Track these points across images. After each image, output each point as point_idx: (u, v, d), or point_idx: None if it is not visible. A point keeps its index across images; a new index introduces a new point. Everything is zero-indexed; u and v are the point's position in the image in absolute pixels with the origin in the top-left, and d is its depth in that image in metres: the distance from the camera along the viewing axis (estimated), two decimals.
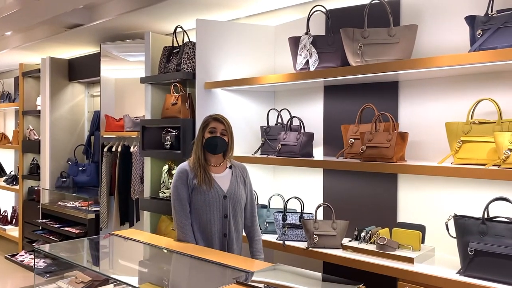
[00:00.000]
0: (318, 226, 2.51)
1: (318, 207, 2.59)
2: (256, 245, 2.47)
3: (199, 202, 2.34)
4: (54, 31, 4.41)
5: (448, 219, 2.10)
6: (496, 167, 1.96)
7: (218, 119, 2.42)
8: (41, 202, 5.14)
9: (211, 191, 2.34)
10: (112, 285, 2.21)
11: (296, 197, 2.79)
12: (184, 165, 2.42)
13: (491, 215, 2.01)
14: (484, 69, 2.21)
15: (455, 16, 2.36)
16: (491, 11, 2.06)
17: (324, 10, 2.74)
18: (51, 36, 4.50)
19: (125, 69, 4.49)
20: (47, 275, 2.37)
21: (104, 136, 4.43)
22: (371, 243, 2.42)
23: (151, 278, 2.12)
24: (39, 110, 5.31)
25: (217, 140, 2.38)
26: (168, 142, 3.30)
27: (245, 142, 3.16)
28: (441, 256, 2.33)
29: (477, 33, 2.05)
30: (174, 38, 3.45)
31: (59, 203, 5.05)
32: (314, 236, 2.49)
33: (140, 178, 3.94)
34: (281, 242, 2.65)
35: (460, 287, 1.97)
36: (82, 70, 5.10)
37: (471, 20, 2.10)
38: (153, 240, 2.55)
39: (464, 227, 2.03)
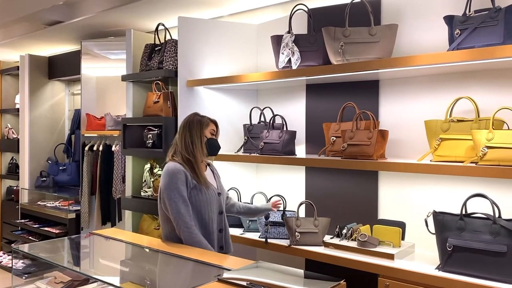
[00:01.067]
0: (300, 223, 2.52)
1: (300, 204, 2.61)
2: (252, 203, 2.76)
3: (201, 202, 2.33)
4: (33, 28, 4.32)
5: (428, 216, 2.13)
6: (473, 164, 2.00)
7: (216, 123, 2.49)
8: (20, 202, 5.06)
9: (209, 190, 2.38)
10: (92, 285, 2.18)
11: (278, 195, 2.81)
12: (177, 165, 2.34)
13: (469, 211, 2.05)
14: (462, 68, 2.25)
15: (434, 16, 2.40)
16: (469, 11, 2.10)
17: (306, 9, 2.75)
18: (30, 33, 4.42)
19: (106, 67, 4.43)
20: (26, 275, 2.33)
21: (85, 135, 4.38)
22: (352, 240, 2.44)
23: (132, 277, 2.10)
24: (18, 109, 5.21)
25: (219, 144, 2.47)
26: (150, 141, 3.27)
27: (227, 141, 3.15)
28: (421, 252, 2.37)
29: (455, 32, 2.09)
30: (156, 35, 3.42)
31: (38, 203, 4.97)
32: (296, 233, 2.50)
33: (122, 177, 3.90)
34: (263, 240, 2.65)
35: (438, 282, 2.00)
36: (63, 68, 5.02)
37: (449, 20, 2.14)
38: (135, 239, 2.53)
39: (443, 223, 2.06)
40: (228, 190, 2.87)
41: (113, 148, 4.12)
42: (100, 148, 4.22)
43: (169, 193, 2.28)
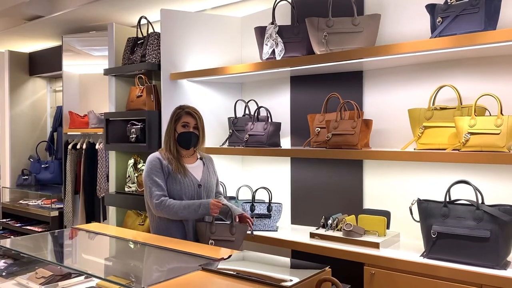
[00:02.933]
0: (215, 229, 2.33)
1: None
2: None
3: (175, 191, 2.34)
4: (13, 23, 4.24)
5: (412, 204, 2.14)
6: (456, 151, 2.02)
7: (191, 113, 2.43)
8: (1, 201, 4.96)
9: (186, 179, 2.37)
10: (74, 279, 2.14)
11: (264, 187, 2.79)
12: (156, 154, 2.42)
13: (452, 198, 2.06)
14: (444, 56, 2.26)
15: (416, 6, 2.41)
16: None
17: (289, 0, 2.74)
18: (10, 28, 4.34)
19: (89, 64, 4.37)
20: (5, 271, 2.27)
21: (68, 133, 4.31)
22: (338, 230, 2.44)
23: (116, 269, 2.07)
24: None
25: (191, 136, 2.42)
26: (133, 135, 3.22)
27: (212, 134, 3.12)
28: (406, 241, 2.38)
29: (437, 20, 2.10)
30: (139, 29, 3.38)
31: (20, 201, 4.88)
32: (210, 241, 2.30)
33: (106, 175, 3.85)
34: (249, 232, 2.63)
35: (423, 269, 2.01)
36: (44, 64, 4.95)
37: (431, 8, 2.15)
38: (118, 233, 2.50)
39: (427, 211, 2.07)
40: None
41: (97, 146, 4.06)
42: (84, 147, 4.16)
43: (145, 179, 2.36)
